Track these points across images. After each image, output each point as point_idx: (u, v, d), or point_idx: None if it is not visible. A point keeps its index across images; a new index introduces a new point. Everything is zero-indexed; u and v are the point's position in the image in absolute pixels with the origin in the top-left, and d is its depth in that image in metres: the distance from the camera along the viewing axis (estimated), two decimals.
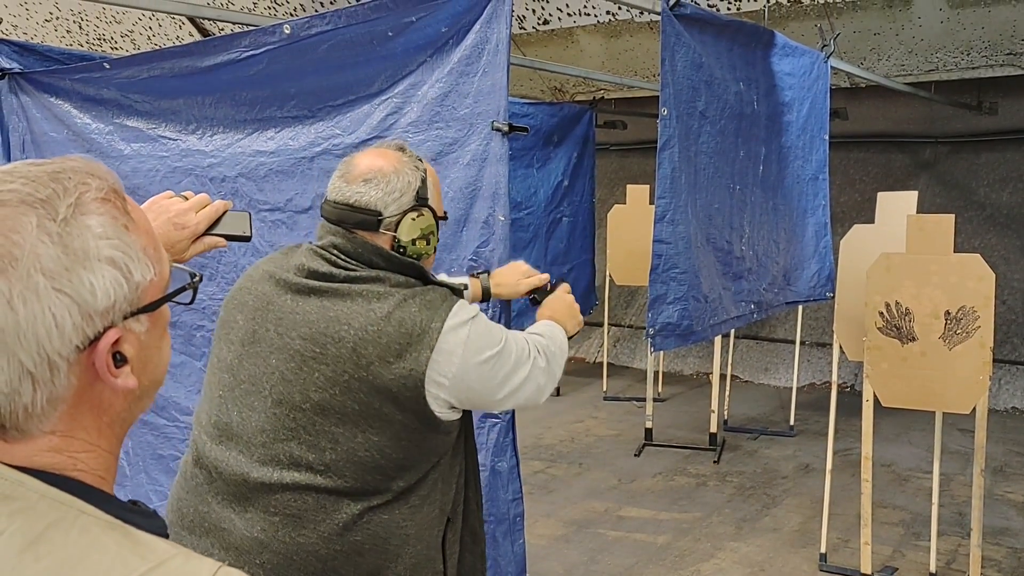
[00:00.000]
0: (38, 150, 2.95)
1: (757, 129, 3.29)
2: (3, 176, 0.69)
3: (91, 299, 0.69)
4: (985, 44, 5.26)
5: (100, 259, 0.69)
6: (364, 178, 1.61)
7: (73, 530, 0.67)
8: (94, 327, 0.69)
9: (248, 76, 2.45)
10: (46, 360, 0.67)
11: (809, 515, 4.53)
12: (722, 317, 3.10)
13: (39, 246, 0.67)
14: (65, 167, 0.72)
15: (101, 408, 0.73)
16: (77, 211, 0.69)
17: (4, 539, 0.65)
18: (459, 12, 2.16)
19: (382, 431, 1.51)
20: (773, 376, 7.59)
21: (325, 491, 1.52)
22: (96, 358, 0.70)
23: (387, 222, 1.60)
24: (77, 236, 0.69)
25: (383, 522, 1.54)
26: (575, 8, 5.35)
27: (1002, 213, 7.30)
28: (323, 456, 1.51)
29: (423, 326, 1.51)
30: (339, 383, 1.50)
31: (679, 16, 2.69)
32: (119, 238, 0.71)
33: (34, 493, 0.68)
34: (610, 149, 8.66)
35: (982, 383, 3.22)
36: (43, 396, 0.68)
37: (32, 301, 0.66)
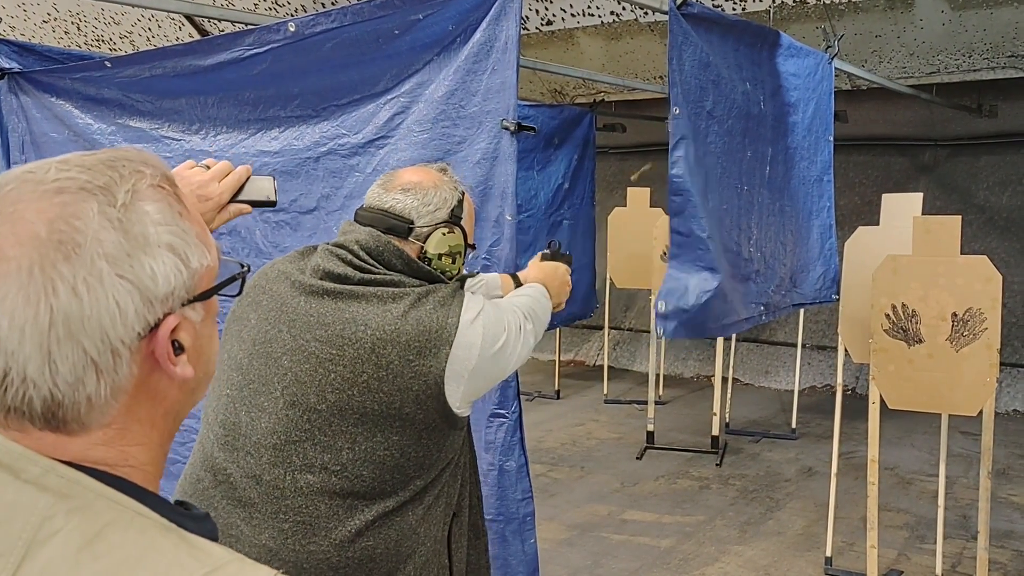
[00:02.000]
0: (38, 150, 2.92)
1: (764, 129, 3.26)
2: (58, 165, 0.68)
3: (152, 285, 0.68)
4: (987, 46, 5.24)
5: (160, 245, 0.69)
6: (403, 188, 1.65)
7: (130, 530, 0.66)
8: (154, 314, 0.68)
9: (252, 75, 2.43)
10: (109, 348, 0.66)
11: (813, 518, 4.50)
12: (733, 318, 3.08)
13: (101, 232, 0.66)
14: (118, 155, 0.71)
15: (156, 399, 0.72)
16: (135, 197, 0.69)
17: (62, 537, 0.64)
18: (466, 10, 2.14)
19: (403, 430, 1.51)
20: (774, 379, 7.57)
21: (339, 495, 1.50)
22: (156, 346, 0.69)
23: (418, 232, 1.62)
24: (136, 222, 0.68)
25: (395, 524, 1.53)
26: (579, 8, 5.34)
27: (1002, 216, 7.29)
28: (339, 456, 1.50)
29: (440, 323, 1.52)
30: (357, 384, 1.50)
31: (686, 15, 2.67)
32: (176, 224, 0.71)
33: (91, 492, 0.66)
34: (609, 152, 8.65)
35: (989, 385, 3.20)
36: (106, 386, 0.67)
37: (96, 287, 0.65)
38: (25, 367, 0.64)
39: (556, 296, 1.94)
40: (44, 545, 0.63)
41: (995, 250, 7.00)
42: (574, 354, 8.60)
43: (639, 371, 7.90)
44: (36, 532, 0.64)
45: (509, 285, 1.98)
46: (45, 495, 0.65)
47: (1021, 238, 7.18)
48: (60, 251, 0.64)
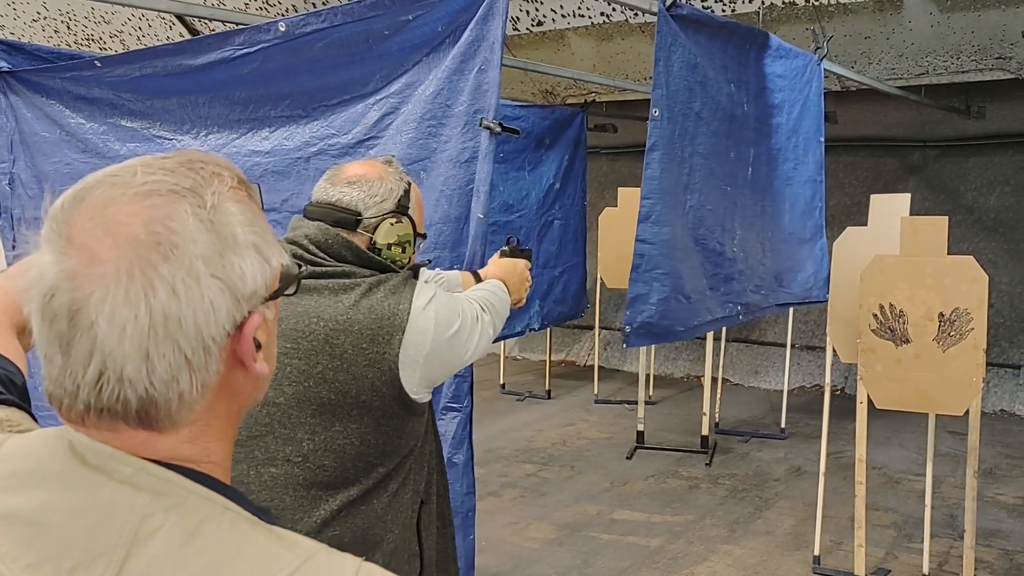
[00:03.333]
0: (27, 150, 2.91)
1: (746, 131, 3.28)
2: (139, 169, 0.69)
3: (240, 284, 0.69)
4: (974, 48, 5.28)
5: (247, 245, 0.71)
6: (348, 181, 1.66)
7: (224, 525, 0.67)
8: (241, 312, 0.70)
9: (242, 75, 2.43)
10: (202, 346, 0.67)
11: (801, 518, 4.53)
12: (706, 318, 3.09)
13: (196, 233, 0.67)
14: (194, 158, 0.72)
15: (234, 396, 0.74)
16: (221, 199, 0.70)
17: (163, 534, 0.65)
18: (456, 11, 2.15)
19: (361, 418, 1.53)
20: (763, 379, 7.60)
21: (303, 486, 1.52)
22: (241, 343, 0.71)
23: (366, 223, 1.64)
24: (225, 223, 0.70)
25: (361, 513, 1.55)
26: (569, 9, 5.35)
27: (990, 217, 7.34)
28: (300, 447, 1.53)
29: (392, 309, 1.54)
30: (313, 375, 1.52)
31: (675, 16, 2.68)
32: (257, 224, 0.73)
33: (183, 489, 0.68)
34: (600, 152, 8.67)
35: (975, 384, 3.23)
36: (198, 383, 0.68)
37: (193, 287, 0.66)
38: (123, 367, 0.65)
39: (515, 292, 1.95)
40: (147, 542, 0.64)
41: (983, 251, 7.04)
42: (565, 354, 8.61)
43: (629, 371, 7.92)
44: (137, 530, 0.65)
45: (470, 282, 1.99)
46: (141, 494, 0.66)
47: (1008, 239, 7.23)
48: (159, 252, 0.66)
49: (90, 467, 0.67)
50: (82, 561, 0.64)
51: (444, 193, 2.11)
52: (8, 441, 0.73)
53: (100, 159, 2.73)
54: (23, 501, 0.67)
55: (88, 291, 0.65)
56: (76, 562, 0.64)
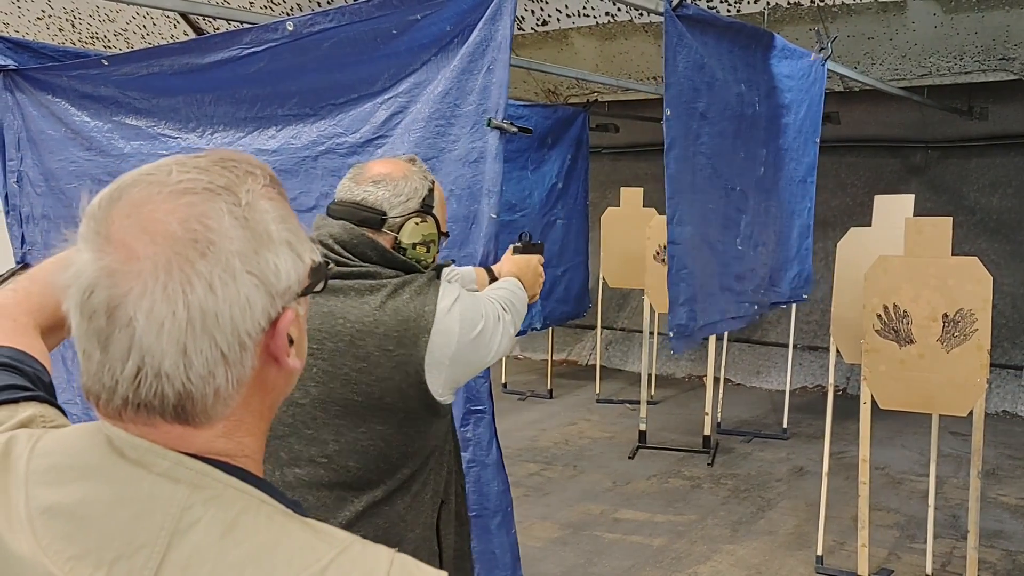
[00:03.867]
0: (34, 148, 2.92)
1: (757, 131, 3.29)
2: (174, 167, 0.71)
3: (275, 280, 0.70)
4: (978, 49, 5.28)
5: (281, 242, 0.72)
6: (373, 180, 1.65)
7: (260, 517, 0.69)
8: (275, 308, 0.71)
9: (249, 74, 2.43)
10: (238, 341, 0.68)
11: (804, 518, 4.53)
12: (720, 317, 3.10)
13: (231, 230, 0.68)
14: (227, 156, 0.74)
15: (266, 390, 0.75)
16: (254, 197, 0.72)
17: (203, 526, 0.66)
18: (464, 10, 2.15)
19: (386, 420, 1.53)
20: (765, 379, 7.61)
21: (327, 487, 1.52)
22: (275, 338, 0.72)
23: (391, 222, 1.63)
24: (259, 220, 0.71)
25: (384, 513, 1.55)
26: (574, 9, 5.35)
27: (992, 218, 7.34)
28: (325, 448, 1.52)
29: (417, 311, 1.54)
30: (338, 376, 1.52)
31: (681, 17, 2.69)
32: (289, 221, 0.74)
33: (219, 482, 0.69)
34: (603, 152, 8.67)
35: (979, 385, 3.23)
36: (233, 378, 0.69)
37: (229, 283, 0.67)
38: (160, 363, 0.66)
39: (530, 288, 1.96)
40: (187, 534, 0.66)
41: (985, 251, 7.04)
42: (567, 354, 8.62)
43: (631, 371, 7.92)
44: (178, 522, 0.66)
45: (484, 279, 1.99)
46: (180, 486, 0.68)
47: (1011, 240, 7.23)
48: (196, 249, 0.67)
49: (129, 461, 0.69)
50: (124, 553, 0.65)
51: (453, 193, 2.11)
52: (45, 436, 0.74)
53: (105, 157, 2.74)
54: (64, 495, 0.68)
55: (126, 288, 0.66)
56: (118, 554, 0.65)
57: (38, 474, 0.70)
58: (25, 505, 0.69)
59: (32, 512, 0.68)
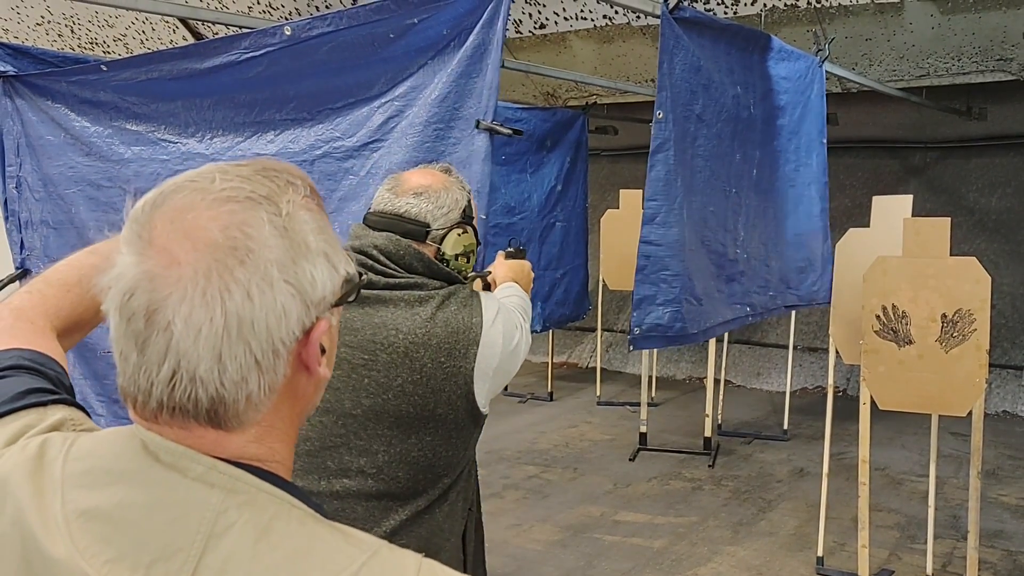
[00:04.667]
0: (33, 153, 2.93)
1: (753, 133, 3.29)
2: (217, 175, 0.72)
3: (311, 290, 0.71)
4: (975, 49, 5.29)
5: (318, 252, 0.73)
6: (415, 192, 1.65)
7: (293, 522, 0.70)
8: (310, 317, 0.72)
9: (247, 78, 2.44)
10: (272, 349, 0.69)
11: (805, 519, 4.53)
12: (716, 320, 3.10)
13: (271, 239, 0.69)
14: (268, 166, 0.75)
15: (297, 398, 0.76)
16: (294, 207, 0.72)
17: (237, 530, 0.67)
18: (460, 14, 2.16)
19: (435, 431, 1.55)
20: (766, 380, 7.61)
21: (375, 497, 1.54)
22: (308, 347, 0.73)
23: (434, 235, 1.64)
24: (298, 230, 0.72)
25: (426, 522, 1.57)
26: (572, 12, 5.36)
27: (991, 218, 7.34)
28: (375, 459, 1.53)
29: (467, 323, 1.56)
30: (392, 388, 1.53)
31: (678, 19, 2.69)
32: (327, 233, 0.75)
33: (252, 487, 0.70)
34: (602, 155, 8.67)
35: (978, 385, 3.23)
36: (265, 385, 0.70)
37: (267, 291, 0.68)
38: (196, 367, 0.67)
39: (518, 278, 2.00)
40: (222, 538, 0.67)
41: (984, 252, 7.05)
42: (567, 356, 8.62)
43: (632, 373, 7.93)
44: (213, 525, 0.67)
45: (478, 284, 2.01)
46: (214, 491, 0.69)
47: (1010, 240, 7.24)
48: (235, 256, 0.68)
49: (164, 465, 0.70)
50: (160, 556, 0.66)
51: None
52: (79, 440, 0.75)
53: (105, 162, 2.75)
54: (100, 498, 0.69)
55: (166, 292, 0.67)
56: (155, 557, 0.66)
57: (74, 477, 0.71)
58: (61, 508, 0.70)
59: (68, 515, 0.69)
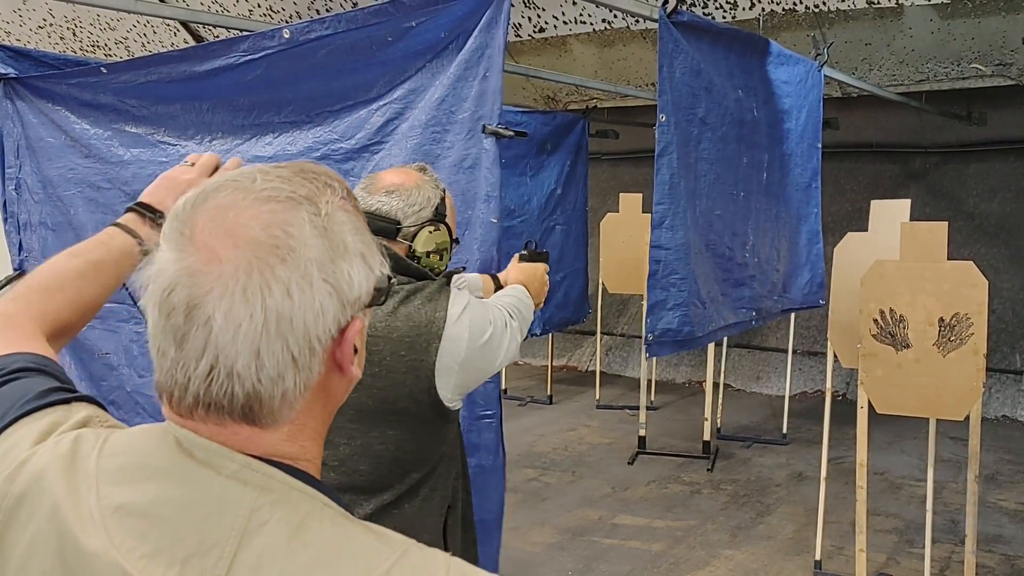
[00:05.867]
0: (33, 155, 2.93)
1: (758, 136, 3.30)
2: (258, 176, 0.73)
3: (348, 289, 0.73)
4: (975, 54, 5.30)
5: (355, 253, 0.74)
6: (386, 190, 1.67)
7: (325, 521, 0.70)
8: (346, 316, 0.73)
9: (246, 81, 2.45)
10: (308, 346, 0.70)
11: (803, 523, 4.53)
12: (719, 324, 3.10)
13: (311, 239, 0.71)
14: (307, 168, 0.76)
15: (328, 396, 0.77)
16: (333, 208, 0.74)
17: (271, 527, 0.68)
18: (459, 18, 2.17)
19: (397, 424, 1.55)
20: (765, 384, 7.61)
21: (339, 490, 1.54)
22: (343, 346, 0.74)
23: (405, 232, 1.66)
24: (337, 231, 0.73)
25: (393, 517, 1.57)
26: (571, 16, 5.38)
27: (991, 223, 7.34)
28: (337, 452, 1.54)
29: (429, 317, 1.56)
30: None
31: (676, 24, 2.70)
32: (364, 234, 0.77)
33: (285, 485, 0.71)
34: (602, 158, 8.68)
35: (976, 389, 3.24)
36: (301, 383, 0.71)
37: (306, 289, 0.69)
38: (234, 363, 0.68)
39: (536, 296, 1.99)
40: (256, 535, 0.67)
41: (984, 256, 7.05)
42: (567, 359, 8.62)
43: (631, 376, 7.93)
44: (247, 523, 0.68)
45: (490, 286, 2.01)
46: (248, 489, 0.70)
47: (1010, 245, 7.24)
48: (276, 254, 0.69)
49: (198, 462, 0.70)
50: (196, 552, 0.67)
51: None
52: (112, 437, 0.76)
53: (104, 164, 2.76)
54: (135, 494, 0.70)
55: (206, 288, 0.68)
56: (190, 552, 0.67)
57: (108, 473, 0.72)
58: (97, 503, 0.70)
59: (104, 510, 0.70)
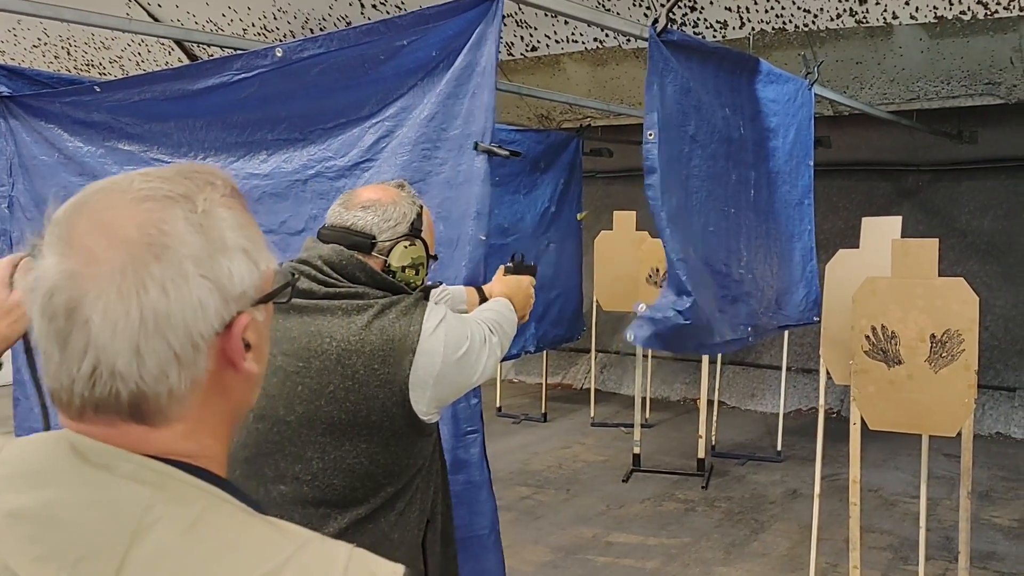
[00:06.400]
0: (26, 174, 2.95)
1: (745, 154, 3.32)
2: (140, 177, 0.74)
3: (229, 285, 0.73)
4: (964, 73, 5.33)
5: (236, 248, 0.74)
6: (363, 206, 1.68)
7: (223, 515, 0.71)
8: (230, 312, 0.73)
9: (239, 99, 2.47)
10: (190, 342, 0.71)
11: (797, 540, 4.52)
12: (716, 339, 3.10)
13: (186, 235, 0.71)
14: (190, 168, 0.77)
15: (226, 394, 0.77)
16: (212, 205, 0.74)
17: (165, 523, 0.68)
18: (449, 36, 2.19)
19: (371, 438, 1.54)
20: (760, 402, 7.61)
21: (312, 504, 1.54)
22: (230, 342, 0.74)
23: (380, 246, 1.66)
24: (215, 227, 0.73)
25: (369, 531, 1.56)
26: (563, 35, 5.41)
27: (983, 240, 7.38)
28: (310, 466, 1.54)
29: (403, 331, 1.56)
30: (324, 394, 1.53)
31: (666, 43, 2.72)
32: (247, 229, 0.77)
33: (182, 483, 0.72)
34: (596, 176, 8.72)
35: (967, 405, 3.24)
36: (187, 379, 0.72)
37: (182, 286, 0.70)
38: (114, 362, 0.69)
39: (521, 309, 1.98)
40: (149, 532, 0.68)
41: (976, 274, 7.08)
42: (561, 377, 8.61)
43: (626, 394, 7.92)
44: (140, 521, 0.68)
45: (474, 298, 2.01)
46: (144, 488, 0.70)
47: (1002, 262, 7.27)
48: (151, 252, 0.70)
49: (93, 465, 0.70)
50: (88, 553, 0.67)
51: (439, 215, 2.13)
52: (8, 445, 0.76)
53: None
54: (28, 500, 0.70)
55: (85, 289, 0.68)
56: (81, 554, 0.67)
57: (2, 481, 0.72)
58: None
59: None
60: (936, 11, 4.63)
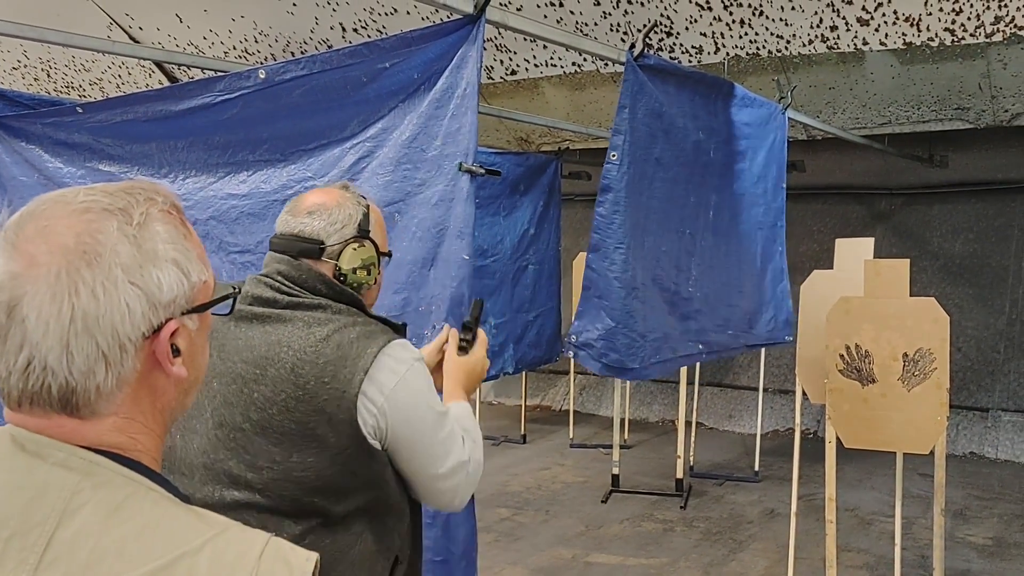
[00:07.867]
0: (5, 194, 2.93)
1: (711, 177, 3.37)
2: (84, 191, 0.81)
3: (158, 292, 0.80)
4: (934, 99, 5.45)
5: (167, 260, 0.81)
6: (308, 211, 1.69)
7: (146, 502, 0.78)
8: (158, 317, 0.80)
9: (221, 120, 2.48)
10: (118, 343, 0.78)
11: (775, 559, 4.55)
12: (667, 356, 3.13)
13: (118, 245, 0.78)
14: (135, 185, 0.85)
15: (156, 394, 0.84)
16: (148, 219, 0.82)
17: (90, 507, 0.75)
18: (431, 59, 2.23)
19: (318, 452, 1.53)
20: (737, 423, 7.65)
21: (267, 510, 1.54)
22: (158, 346, 0.81)
23: (329, 251, 1.66)
24: (148, 239, 0.81)
25: (326, 546, 1.54)
26: (542, 59, 5.48)
27: (955, 263, 7.50)
28: (261, 475, 1.54)
29: (359, 350, 1.55)
30: (277, 403, 1.54)
31: (643, 66, 2.78)
32: (181, 243, 0.84)
33: (110, 471, 0.78)
34: (575, 199, 8.78)
35: (940, 423, 3.30)
36: (113, 377, 0.78)
37: (112, 291, 0.77)
38: (46, 357, 0.76)
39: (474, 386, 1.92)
40: (75, 514, 0.75)
41: (949, 295, 7.18)
42: (540, 399, 8.63)
43: (605, 415, 7.94)
44: (67, 504, 0.75)
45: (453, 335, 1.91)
46: (72, 474, 0.77)
47: (974, 284, 7.38)
48: (84, 259, 0.77)
49: (28, 453, 0.77)
50: (18, 531, 0.73)
51: (416, 235, 2.16)
52: None
53: None
54: None
55: (24, 290, 0.75)
56: (12, 532, 0.73)
57: None
58: None
59: None
60: (905, 37, 4.74)
